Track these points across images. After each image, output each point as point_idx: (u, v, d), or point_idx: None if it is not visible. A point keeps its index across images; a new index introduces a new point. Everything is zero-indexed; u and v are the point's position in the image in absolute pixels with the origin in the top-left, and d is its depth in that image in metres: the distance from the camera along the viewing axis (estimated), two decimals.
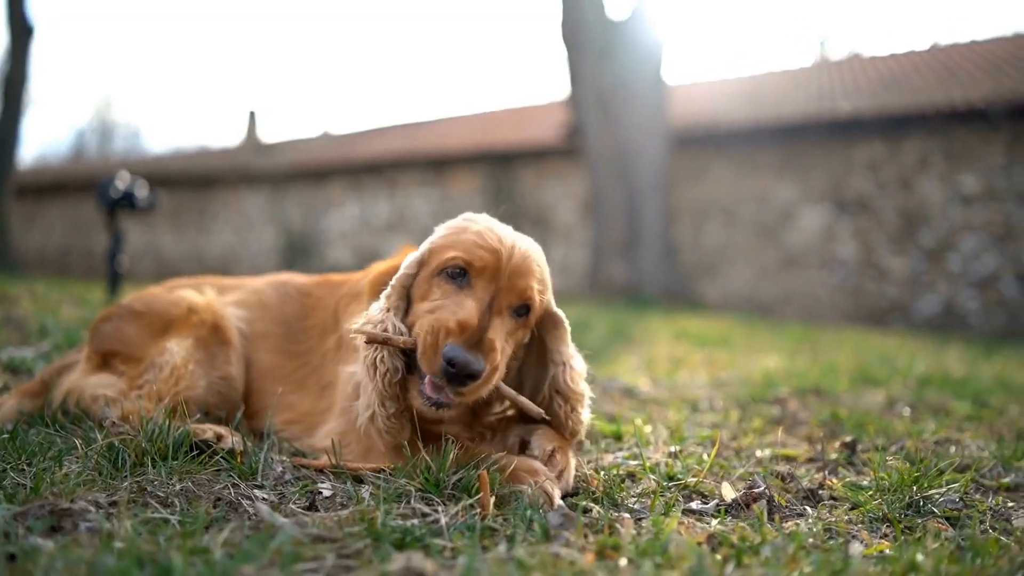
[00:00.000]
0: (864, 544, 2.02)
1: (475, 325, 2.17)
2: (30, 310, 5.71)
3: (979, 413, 4.22)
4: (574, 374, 2.51)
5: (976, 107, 14.36)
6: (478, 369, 2.12)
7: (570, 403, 2.48)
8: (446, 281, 2.31)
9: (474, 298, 2.24)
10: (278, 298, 3.05)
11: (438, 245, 2.39)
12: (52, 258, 28.30)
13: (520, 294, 2.30)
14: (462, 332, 2.15)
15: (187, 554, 1.58)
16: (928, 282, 15.05)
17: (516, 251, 2.31)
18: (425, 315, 2.27)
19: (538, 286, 2.36)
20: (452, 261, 2.30)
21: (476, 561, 1.66)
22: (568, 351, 2.53)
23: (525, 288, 2.30)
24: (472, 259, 2.27)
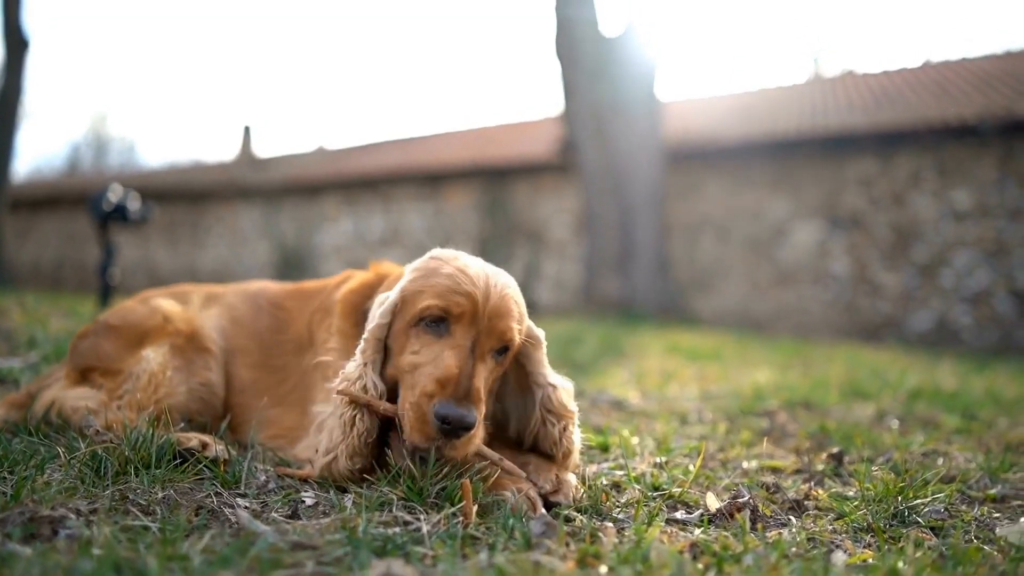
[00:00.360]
0: (847, 553, 2.02)
1: (458, 376, 2.15)
2: (19, 322, 5.69)
3: (968, 426, 4.23)
4: (561, 393, 2.47)
5: (968, 123, 14.42)
6: (472, 420, 2.11)
7: (563, 422, 2.43)
8: (424, 331, 2.27)
9: (454, 347, 2.22)
10: (251, 312, 3.03)
11: (410, 291, 2.33)
12: (46, 272, 28.26)
13: (500, 336, 2.28)
14: (445, 388, 2.14)
15: (165, 559, 1.58)
16: (921, 298, 15.07)
17: (492, 292, 2.27)
18: (405, 375, 2.26)
19: (517, 325, 2.33)
20: (428, 311, 2.25)
21: (456, 568, 1.65)
22: (547, 371, 2.50)
23: (505, 330, 2.28)
24: (449, 306, 2.23)
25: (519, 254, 19.57)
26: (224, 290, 3.20)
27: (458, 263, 2.33)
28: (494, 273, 2.35)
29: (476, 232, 20.27)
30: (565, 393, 2.48)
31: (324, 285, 3.00)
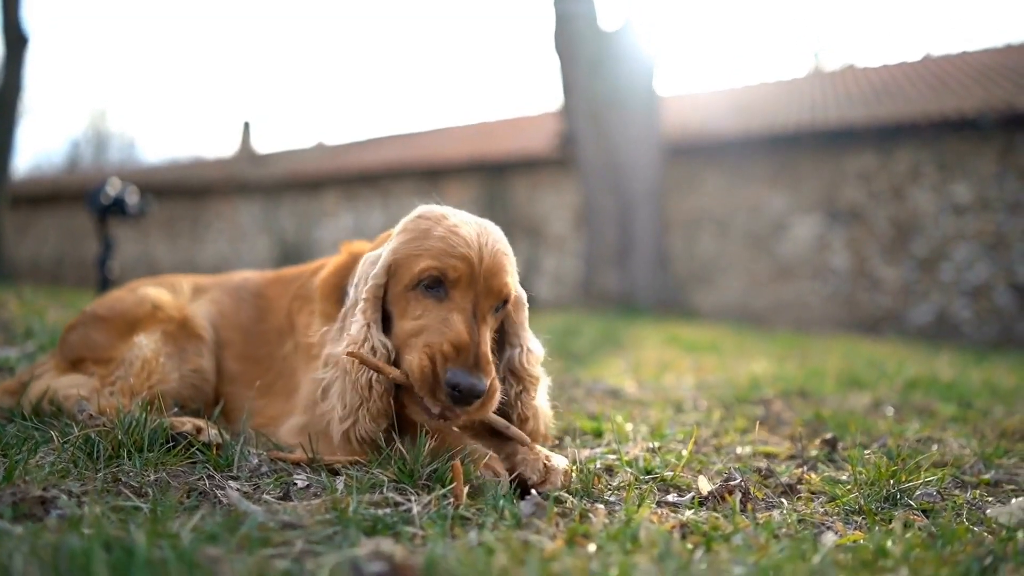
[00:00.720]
0: (838, 535, 2.02)
1: (468, 343, 2.15)
2: (17, 313, 5.70)
3: (964, 414, 4.23)
4: (531, 356, 2.48)
5: (968, 117, 14.40)
6: (483, 389, 2.11)
7: (523, 384, 2.44)
8: (423, 295, 2.27)
9: (457, 310, 2.22)
10: (235, 304, 3.03)
11: (404, 254, 2.32)
12: (46, 268, 28.27)
13: (498, 294, 2.29)
14: (458, 354, 2.14)
15: (153, 536, 1.58)
16: (921, 291, 15.07)
17: (485, 251, 2.28)
18: (411, 338, 2.25)
19: (511, 279, 2.35)
20: (425, 273, 2.25)
21: (444, 546, 1.66)
22: (527, 334, 2.50)
23: (502, 287, 2.29)
24: (446, 268, 2.23)
25: (518, 249, 19.08)
26: (209, 283, 3.19)
27: (448, 223, 2.32)
28: (484, 229, 2.36)
29: None
30: (533, 357, 2.48)
31: (301, 271, 3.00)
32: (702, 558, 1.73)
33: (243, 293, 3.06)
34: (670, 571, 1.60)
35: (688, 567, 1.65)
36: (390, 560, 1.55)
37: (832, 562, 1.69)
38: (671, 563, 1.64)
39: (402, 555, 1.59)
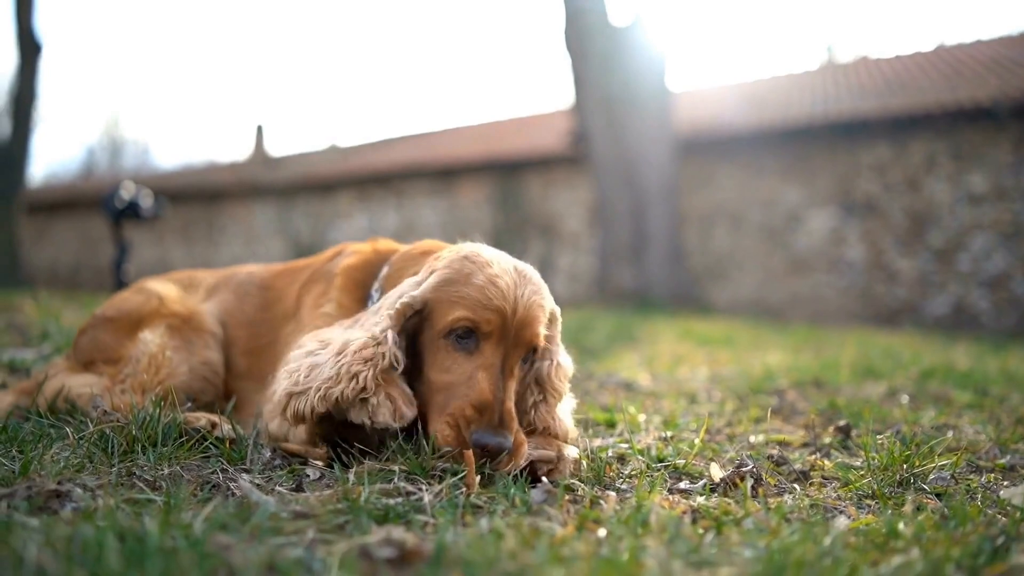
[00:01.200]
0: (850, 518, 2.01)
1: (492, 403, 2.16)
2: (33, 316, 5.75)
3: (980, 402, 4.21)
4: (559, 370, 2.45)
5: (983, 106, 14.31)
6: (508, 446, 2.12)
7: (544, 395, 2.42)
8: (455, 346, 2.24)
9: (484, 367, 2.20)
10: (238, 300, 3.02)
11: (442, 297, 2.27)
12: (63, 274, 28.45)
13: (528, 344, 2.28)
14: (481, 415, 2.14)
15: (165, 526, 1.59)
16: (938, 283, 14.98)
17: (521, 302, 2.25)
18: (437, 395, 2.24)
19: (543, 329, 2.33)
20: (459, 323, 2.22)
21: (454, 533, 1.66)
22: (558, 348, 2.48)
23: (532, 338, 2.28)
24: (480, 321, 2.21)
25: (533, 247, 19.56)
26: (216, 280, 3.18)
27: (490, 271, 2.28)
28: (523, 278, 2.33)
29: (490, 226, 20.28)
30: (561, 371, 2.46)
31: (311, 261, 2.98)
32: (712, 541, 1.74)
33: (248, 287, 3.05)
34: (680, 554, 1.61)
35: (698, 550, 1.65)
36: (400, 546, 1.56)
37: (843, 544, 1.69)
38: (681, 546, 1.64)
39: (413, 541, 1.60)
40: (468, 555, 1.52)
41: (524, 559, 1.51)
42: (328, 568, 1.48)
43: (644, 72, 15.10)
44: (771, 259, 16.57)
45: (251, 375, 2.86)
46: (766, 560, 1.56)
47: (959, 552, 1.65)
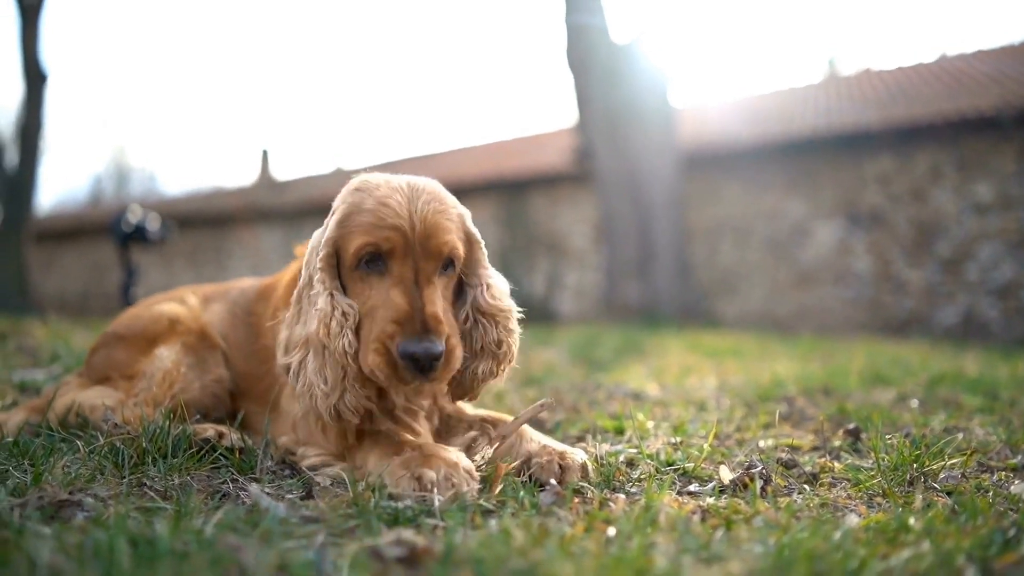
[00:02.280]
0: (860, 516, 2.01)
1: (409, 312, 2.15)
2: (43, 339, 5.77)
3: (991, 405, 4.19)
4: (494, 290, 2.43)
5: (986, 115, 14.29)
6: (438, 351, 2.10)
7: (497, 320, 2.39)
8: (366, 272, 2.26)
9: (396, 284, 2.21)
10: (232, 322, 3.01)
11: (342, 231, 2.31)
12: (71, 301, 28.52)
13: (438, 254, 2.26)
14: (403, 327, 2.13)
15: (176, 530, 1.60)
16: (946, 293, 14.94)
17: (417, 216, 2.24)
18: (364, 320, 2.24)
19: (454, 236, 2.32)
20: (362, 251, 2.24)
21: (463, 533, 1.67)
22: (486, 271, 2.45)
23: (441, 247, 2.26)
24: (379, 242, 2.22)
25: (540, 265, 19.57)
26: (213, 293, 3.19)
27: (379, 193, 2.29)
28: (416, 192, 2.31)
29: (496, 245, 20.29)
30: (496, 290, 2.43)
31: (276, 282, 2.95)
32: (722, 538, 1.74)
33: (237, 310, 3.03)
34: (690, 549, 1.61)
35: (708, 546, 1.65)
36: (411, 547, 1.57)
37: (853, 539, 1.69)
38: (690, 542, 1.64)
39: (423, 542, 1.61)
40: (478, 553, 1.52)
41: (534, 556, 1.52)
42: (339, 569, 1.49)
43: (647, 89, 15.13)
44: (778, 272, 16.55)
45: (248, 396, 2.87)
46: (776, 555, 1.56)
47: (969, 543, 1.65)
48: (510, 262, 19.58)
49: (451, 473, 2.03)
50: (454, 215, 2.36)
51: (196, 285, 3.33)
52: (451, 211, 2.36)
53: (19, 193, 22.04)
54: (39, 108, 21.83)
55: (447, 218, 2.31)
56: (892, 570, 1.52)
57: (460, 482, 2.01)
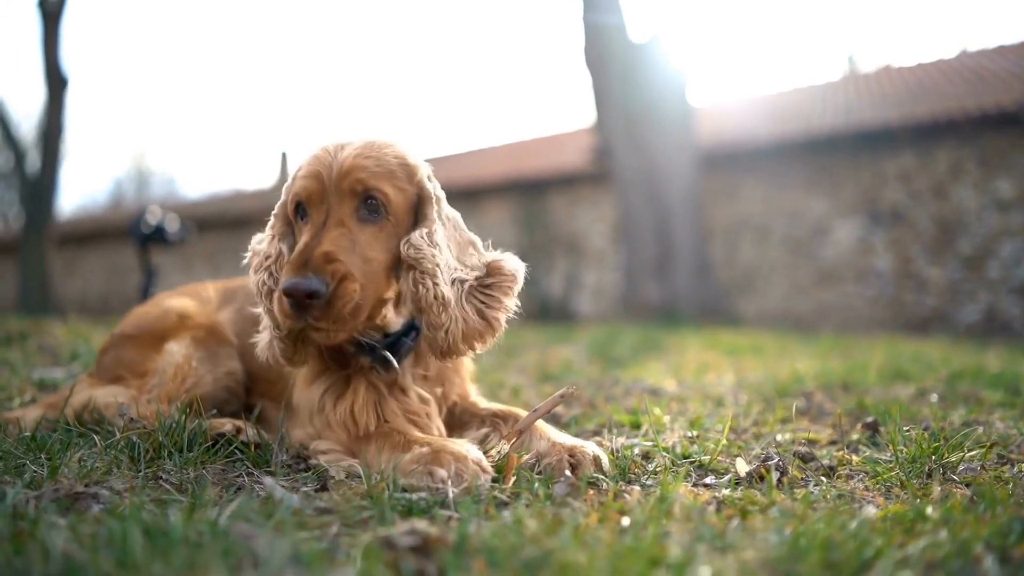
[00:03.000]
0: (878, 508, 1.99)
1: (301, 251, 2.13)
2: (63, 339, 5.81)
3: (1012, 400, 4.14)
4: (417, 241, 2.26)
5: (1008, 112, 14.19)
6: (310, 286, 2.04)
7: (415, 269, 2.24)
8: (300, 223, 2.29)
9: (308, 229, 2.20)
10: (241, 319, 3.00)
11: (289, 187, 2.35)
12: (92, 304, 28.73)
13: (351, 194, 2.20)
14: (290, 266, 2.12)
15: (190, 520, 1.60)
16: (968, 290, 14.84)
17: (339, 161, 2.22)
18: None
19: (384, 180, 2.25)
20: (292, 202, 2.29)
21: (476, 524, 1.66)
22: (431, 228, 2.30)
23: (354, 185, 2.20)
24: (300, 191, 2.24)
25: (559, 265, 19.57)
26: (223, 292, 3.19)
27: (316, 149, 2.31)
28: (351, 144, 2.29)
29: (515, 245, 20.17)
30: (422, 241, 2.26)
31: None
32: (737, 527, 1.72)
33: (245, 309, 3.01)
34: (704, 538, 1.60)
35: (723, 535, 1.64)
36: (424, 536, 1.56)
37: (870, 528, 1.67)
38: (705, 532, 1.63)
39: (438, 531, 1.60)
40: (491, 542, 1.52)
41: (547, 545, 1.51)
42: (351, 558, 1.49)
43: (665, 87, 15.10)
44: (798, 271, 16.48)
45: (260, 393, 2.88)
46: (791, 543, 1.55)
47: (988, 532, 1.63)
48: (529, 262, 19.49)
49: (461, 468, 2.02)
50: (393, 163, 2.30)
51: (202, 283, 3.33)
52: (388, 158, 2.30)
53: (41, 197, 22.28)
54: (60, 112, 22.05)
55: (375, 162, 2.25)
56: (909, 558, 1.51)
57: (470, 475, 2.00)
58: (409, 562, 1.46)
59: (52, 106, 22.01)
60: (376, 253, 2.23)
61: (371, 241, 2.23)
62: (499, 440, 2.46)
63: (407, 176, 2.33)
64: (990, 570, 1.48)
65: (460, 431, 2.62)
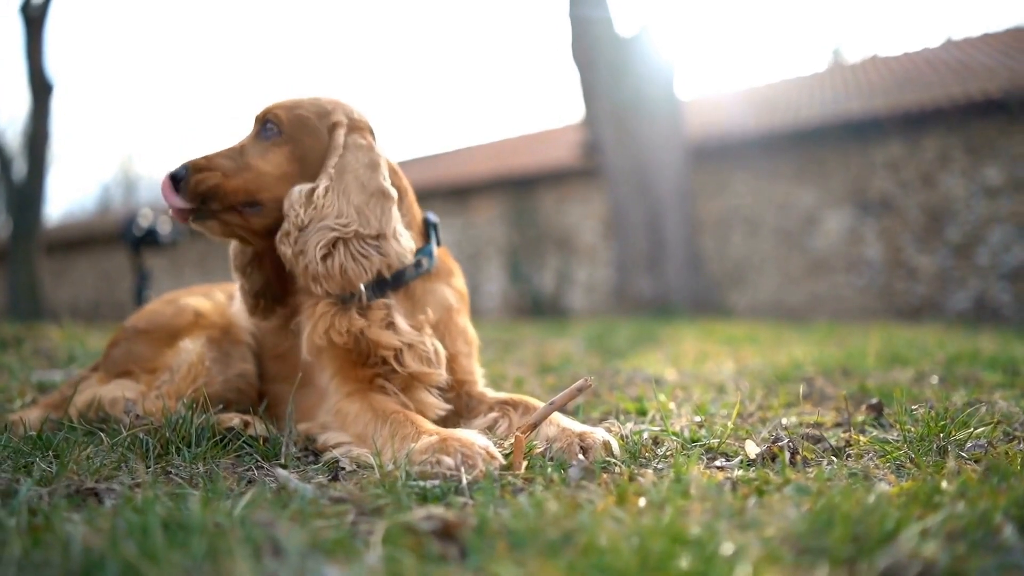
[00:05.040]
0: (890, 484, 2.00)
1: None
2: (59, 342, 5.79)
3: (1011, 381, 4.16)
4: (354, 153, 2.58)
5: (994, 98, 14.24)
6: (174, 172, 2.45)
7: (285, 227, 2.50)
8: None
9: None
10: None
11: None
12: (83, 311, 28.60)
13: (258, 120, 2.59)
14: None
15: (207, 509, 1.60)
16: (958, 277, 14.89)
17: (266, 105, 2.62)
18: None
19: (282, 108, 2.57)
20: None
21: (494, 509, 1.66)
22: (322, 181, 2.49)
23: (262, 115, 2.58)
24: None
25: (550, 262, 19.57)
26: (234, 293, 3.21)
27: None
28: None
29: (505, 242, 20.30)
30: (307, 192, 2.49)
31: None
32: (755, 504, 1.73)
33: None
34: (723, 516, 1.60)
35: (741, 513, 1.64)
36: (442, 520, 1.56)
37: (888, 502, 1.68)
38: (724, 509, 1.63)
39: (455, 516, 1.60)
40: (512, 524, 1.51)
41: (567, 525, 1.51)
42: (372, 544, 1.48)
43: (653, 81, 15.11)
44: (789, 262, 16.52)
45: (281, 377, 2.87)
46: (812, 519, 1.55)
47: (1005, 502, 1.63)
48: (519, 260, 19.59)
49: (469, 454, 2.02)
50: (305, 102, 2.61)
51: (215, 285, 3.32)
52: (304, 101, 2.61)
53: (28, 204, 22.19)
54: (46, 118, 21.96)
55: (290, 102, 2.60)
56: (929, 530, 1.51)
57: (477, 460, 2.00)
58: (432, 546, 1.46)
59: (37, 112, 21.91)
60: (264, 163, 2.51)
61: (262, 153, 2.52)
62: (509, 426, 2.47)
63: (317, 114, 2.58)
64: (1010, 538, 1.49)
65: (468, 419, 2.63)
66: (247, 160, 2.48)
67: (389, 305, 2.53)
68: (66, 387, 3.05)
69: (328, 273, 2.37)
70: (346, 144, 2.53)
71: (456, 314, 2.74)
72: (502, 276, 20.36)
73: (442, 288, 2.72)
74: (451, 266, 2.84)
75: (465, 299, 2.82)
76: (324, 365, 2.58)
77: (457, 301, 2.76)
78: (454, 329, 2.71)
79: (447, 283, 2.76)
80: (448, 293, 2.73)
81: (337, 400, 2.47)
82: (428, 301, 2.65)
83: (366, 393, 2.46)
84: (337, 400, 2.47)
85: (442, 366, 2.59)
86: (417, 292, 2.64)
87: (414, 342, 2.52)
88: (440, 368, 2.57)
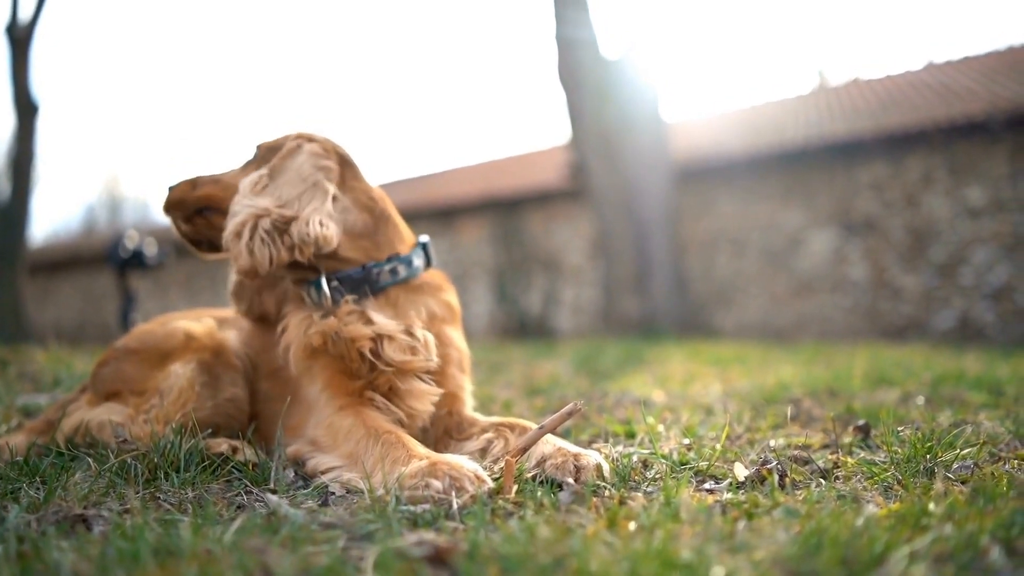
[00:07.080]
0: (878, 507, 2.01)
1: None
2: (44, 365, 5.75)
3: (996, 401, 4.19)
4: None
5: (976, 120, 14.37)
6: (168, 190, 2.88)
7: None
8: None
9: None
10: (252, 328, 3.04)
11: None
12: (68, 332, 28.43)
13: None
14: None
15: (197, 535, 1.59)
16: (942, 297, 14.97)
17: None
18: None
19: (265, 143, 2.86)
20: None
21: (485, 533, 1.66)
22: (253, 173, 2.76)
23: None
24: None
25: (537, 282, 19.59)
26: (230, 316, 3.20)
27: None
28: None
29: (492, 264, 20.32)
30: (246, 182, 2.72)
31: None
32: (745, 528, 1.73)
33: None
34: (713, 540, 1.60)
35: (732, 536, 1.65)
36: (434, 546, 1.56)
37: (876, 525, 1.69)
38: (714, 533, 1.64)
39: (446, 540, 1.60)
40: (503, 549, 1.52)
41: (559, 551, 1.51)
42: (363, 571, 1.48)
43: (638, 103, 15.20)
44: (775, 282, 16.58)
45: (273, 396, 2.86)
46: (802, 541, 1.56)
47: (992, 524, 1.65)
48: (507, 280, 19.61)
49: (457, 476, 2.02)
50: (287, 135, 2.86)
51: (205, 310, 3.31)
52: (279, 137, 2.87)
53: (12, 225, 22.05)
54: (31, 139, 21.87)
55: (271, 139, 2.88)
56: (918, 552, 1.52)
57: (465, 484, 2.01)
58: (424, 571, 1.46)
59: (22, 133, 21.83)
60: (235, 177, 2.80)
61: (236, 175, 2.80)
62: (505, 447, 2.48)
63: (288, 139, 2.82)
64: (997, 561, 1.50)
65: (460, 441, 2.63)
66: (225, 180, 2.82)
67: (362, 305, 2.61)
68: (52, 411, 3.03)
69: (238, 251, 2.46)
70: (301, 148, 2.70)
71: (443, 323, 2.76)
72: (489, 297, 20.36)
73: (427, 299, 2.75)
74: (441, 282, 2.85)
75: (455, 312, 2.83)
76: (314, 376, 2.58)
77: (444, 311, 2.78)
78: (443, 337, 2.72)
79: (434, 296, 2.78)
80: (433, 303, 2.76)
81: (329, 414, 2.46)
82: (411, 309, 2.68)
83: (359, 408, 2.46)
84: (329, 414, 2.46)
85: (431, 353, 2.61)
86: (399, 300, 2.68)
87: (393, 333, 2.55)
88: (429, 355, 2.60)
